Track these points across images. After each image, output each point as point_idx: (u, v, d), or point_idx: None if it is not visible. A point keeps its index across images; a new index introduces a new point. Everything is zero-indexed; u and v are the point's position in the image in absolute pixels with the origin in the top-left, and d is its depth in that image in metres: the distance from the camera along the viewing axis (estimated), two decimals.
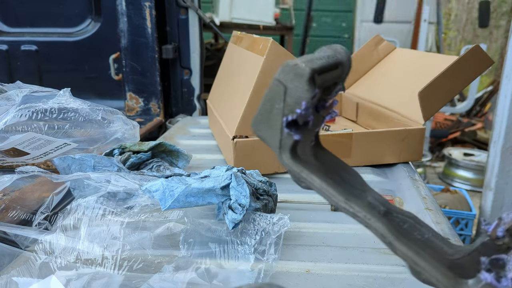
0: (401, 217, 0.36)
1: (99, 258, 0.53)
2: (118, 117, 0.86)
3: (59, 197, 0.66)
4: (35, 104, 0.77)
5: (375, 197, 0.37)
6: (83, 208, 0.58)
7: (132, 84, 1.55)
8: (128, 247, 0.55)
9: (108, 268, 0.52)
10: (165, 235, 0.59)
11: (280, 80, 0.30)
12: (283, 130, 0.31)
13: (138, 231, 0.57)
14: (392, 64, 1.27)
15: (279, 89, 0.30)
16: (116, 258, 0.53)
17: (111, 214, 0.58)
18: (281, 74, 0.30)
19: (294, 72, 0.30)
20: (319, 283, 0.56)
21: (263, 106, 0.32)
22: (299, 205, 0.78)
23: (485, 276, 0.31)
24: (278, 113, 0.31)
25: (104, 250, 0.54)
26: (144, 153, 0.81)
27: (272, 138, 0.32)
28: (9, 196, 0.74)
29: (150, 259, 0.56)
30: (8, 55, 1.68)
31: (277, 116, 0.31)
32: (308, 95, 0.30)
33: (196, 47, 1.60)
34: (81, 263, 0.53)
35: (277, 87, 0.31)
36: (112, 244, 0.55)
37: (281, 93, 0.30)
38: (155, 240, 0.57)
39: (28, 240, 0.56)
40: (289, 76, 0.30)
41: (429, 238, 0.36)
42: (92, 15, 1.65)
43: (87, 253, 0.53)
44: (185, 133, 1.28)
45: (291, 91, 0.30)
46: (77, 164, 0.73)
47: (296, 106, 0.30)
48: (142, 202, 0.63)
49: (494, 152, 2.11)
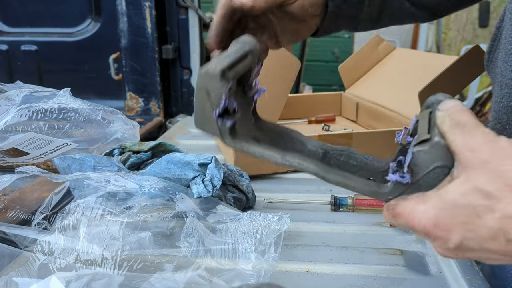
0: (338, 152, 0.45)
1: (98, 258, 0.53)
2: (118, 117, 0.86)
3: (58, 197, 0.66)
4: (35, 104, 0.77)
5: (314, 145, 0.45)
6: (82, 208, 0.58)
7: (132, 84, 1.55)
8: (128, 247, 0.55)
9: (108, 268, 0.52)
10: (164, 235, 0.59)
11: (201, 85, 0.38)
12: (218, 121, 0.39)
13: (138, 231, 0.57)
14: (392, 64, 1.27)
15: (203, 92, 0.38)
16: (116, 258, 0.53)
17: (110, 214, 0.58)
18: (199, 80, 0.38)
19: (207, 76, 0.37)
20: (319, 283, 0.56)
21: (197, 108, 0.39)
22: (299, 205, 0.78)
23: (391, 176, 0.38)
24: (209, 110, 0.38)
25: (104, 251, 0.54)
26: (144, 153, 0.81)
27: (213, 130, 0.40)
28: (9, 196, 0.74)
29: (150, 259, 0.56)
30: (8, 55, 1.68)
31: (210, 113, 0.38)
32: (224, 90, 0.37)
33: (196, 47, 1.60)
34: (81, 263, 0.53)
35: (200, 91, 0.38)
36: (112, 244, 0.55)
37: (205, 95, 0.38)
38: (154, 240, 0.57)
39: (27, 240, 0.56)
40: (206, 79, 0.37)
41: (362, 160, 0.44)
42: (92, 15, 1.65)
43: (86, 253, 0.53)
44: (185, 133, 1.28)
45: (211, 91, 0.37)
46: (77, 164, 0.73)
47: (219, 101, 0.37)
48: (142, 202, 0.63)
49: None
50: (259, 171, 0.90)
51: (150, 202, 0.63)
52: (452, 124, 0.33)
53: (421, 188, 0.35)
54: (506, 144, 0.31)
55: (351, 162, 0.45)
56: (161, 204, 0.63)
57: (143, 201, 0.63)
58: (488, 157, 0.30)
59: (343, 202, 0.76)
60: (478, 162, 0.31)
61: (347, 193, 0.78)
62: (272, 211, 0.77)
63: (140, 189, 0.64)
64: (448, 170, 0.34)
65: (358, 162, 0.44)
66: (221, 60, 0.38)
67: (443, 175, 0.34)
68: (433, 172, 0.34)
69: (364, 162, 0.44)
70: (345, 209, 0.76)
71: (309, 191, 0.84)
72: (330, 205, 0.76)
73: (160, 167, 0.68)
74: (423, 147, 0.34)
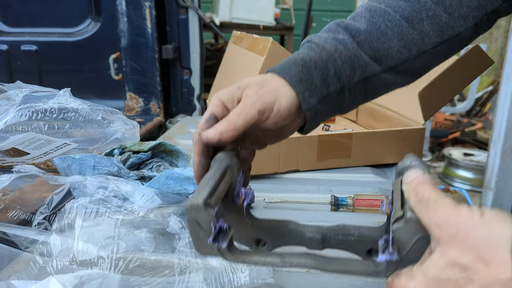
0: (334, 232, 0.48)
1: (95, 259, 0.53)
2: (118, 117, 0.86)
3: (59, 197, 0.66)
4: (35, 104, 0.77)
5: (311, 231, 0.49)
6: (77, 209, 0.58)
7: (132, 84, 1.55)
8: (125, 246, 0.55)
9: (106, 268, 0.52)
10: (163, 236, 0.59)
11: (190, 217, 0.41)
12: (214, 245, 0.42)
13: (136, 232, 0.57)
14: None
15: (194, 223, 0.41)
16: (113, 258, 0.53)
17: (107, 215, 0.58)
18: (187, 213, 0.41)
19: (193, 209, 0.40)
20: (319, 283, 0.56)
21: (193, 237, 0.42)
22: (299, 205, 0.78)
23: (381, 257, 0.40)
24: (204, 237, 0.42)
25: (101, 251, 0.54)
26: (144, 153, 0.81)
27: (212, 252, 0.42)
28: (9, 195, 0.74)
29: (148, 260, 0.56)
30: (8, 55, 1.68)
31: (205, 239, 0.42)
32: (211, 218, 0.41)
33: (196, 47, 1.60)
34: (78, 264, 0.53)
35: (191, 222, 0.41)
36: (109, 244, 0.55)
37: (196, 225, 0.41)
38: (153, 241, 0.57)
39: (28, 241, 0.56)
40: (193, 212, 0.40)
41: (359, 234, 0.47)
42: (92, 15, 1.65)
43: (83, 254, 0.53)
44: (185, 133, 1.28)
45: (200, 222, 0.41)
46: (77, 164, 0.73)
47: (210, 229, 0.41)
48: (140, 203, 0.63)
49: (494, 152, 2.11)
50: (259, 171, 0.90)
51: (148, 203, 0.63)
52: (417, 201, 0.36)
53: (410, 261, 0.38)
54: (468, 214, 0.33)
55: (349, 238, 0.48)
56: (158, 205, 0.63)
57: (141, 202, 0.63)
58: (454, 231, 0.33)
59: (343, 202, 0.76)
60: (446, 237, 0.33)
61: (347, 193, 0.78)
62: (272, 211, 0.77)
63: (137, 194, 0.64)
64: (427, 239, 0.37)
65: (355, 237, 0.48)
66: (201, 191, 0.41)
67: (425, 245, 0.37)
68: (415, 245, 0.38)
69: (361, 235, 0.48)
70: (345, 209, 0.76)
71: (309, 191, 0.84)
72: (330, 205, 0.76)
73: (159, 183, 0.69)
74: (399, 224, 0.38)
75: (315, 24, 4.57)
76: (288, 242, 0.51)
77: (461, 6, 0.54)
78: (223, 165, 0.46)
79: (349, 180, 0.91)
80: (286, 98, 0.49)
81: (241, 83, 0.50)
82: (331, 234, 0.49)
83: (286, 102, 0.49)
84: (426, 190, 0.36)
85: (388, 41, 0.53)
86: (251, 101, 0.47)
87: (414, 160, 0.43)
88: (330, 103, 0.52)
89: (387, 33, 0.53)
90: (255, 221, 0.51)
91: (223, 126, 0.46)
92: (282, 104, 0.48)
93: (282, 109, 0.48)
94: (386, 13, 0.54)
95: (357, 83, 0.52)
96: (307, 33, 2.75)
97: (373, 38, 0.53)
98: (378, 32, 0.53)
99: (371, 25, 0.53)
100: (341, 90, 0.52)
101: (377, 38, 0.53)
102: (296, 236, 0.50)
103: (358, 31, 0.53)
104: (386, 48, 0.53)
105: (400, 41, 0.53)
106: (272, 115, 0.48)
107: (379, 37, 0.53)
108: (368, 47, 0.52)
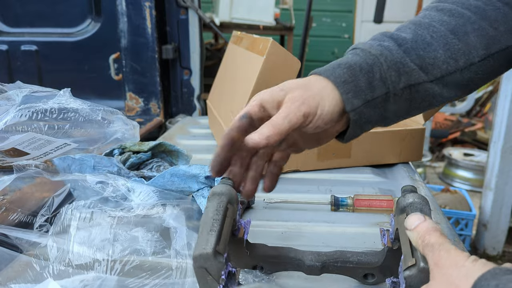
0: (333, 259, 0.51)
1: (91, 262, 0.53)
2: (118, 117, 0.86)
3: (60, 199, 0.66)
4: (35, 104, 0.77)
5: (311, 259, 0.51)
6: (72, 213, 0.58)
7: (132, 84, 1.55)
8: (121, 248, 0.55)
9: (102, 271, 0.52)
10: (161, 236, 0.58)
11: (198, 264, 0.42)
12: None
13: (134, 233, 0.57)
14: None
15: (202, 270, 0.42)
16: (109, 261, 0.53)
17: (104, 217, 0.58)
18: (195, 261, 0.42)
19: (202, 258, 0.41)
20: (319, 283, 0.55)
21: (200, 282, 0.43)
22: (299, 205, 0.78)
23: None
24: (212, 283, 0.42)
25: (97, 254, 0.53)
26: (144, 153, 0.81)
27: None
28: (8, 196, 0.74)
29: (146, 261, 0.56)
30: (8, 55, 1.67)
31: (213, 284, 0.42)
32: (222, 265, 0.42)
33: (196, 47, 1.60)
34: (75, 267, 0.53)
35: (200, 269, 0.42)
36: (106, 246, 0.54)
37: (204, 272, 0.42)
38: (151, 242, 0.57)
39: (29, 243, 0.56)
40: (201, 261, 0.41)
41: (358, 260, 0.50)
42: (92, 15, 1.65)
43: (79, 258, 0.53)
44: (185, 133, 1.28)
45: (210, 270, 0.42)
46: (77, 164, 0.73)
47: (220, 276, 0.42)
48: (138, 204, 0.62)
49: (494, 152, 2.11)
50: None
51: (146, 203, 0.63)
52: (424, 245, 0.40)
53: None
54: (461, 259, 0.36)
55: (348, 265, 0.51)
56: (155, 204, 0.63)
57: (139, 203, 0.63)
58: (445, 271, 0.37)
59: (343, 202, 0.76)
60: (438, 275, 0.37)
61: (347, 193, 0.78)
62: (272, 211, 0.77)
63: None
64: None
65: (354, 263, 0.50)
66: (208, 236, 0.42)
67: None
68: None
69: (359, 261, 0.50)
70: (345, 209, 0.76)
71: (309, 191, 0.84)
72: (330, 205, 0.76)
73: (163, 180, 0.68)
74: (412, 272, 0.41)
75: (315, 24, 4.58)
76: (287, 268, 0.53)
77: (507, 21, 0.53)
78: (224, 202, 0.46)
79: (349, 180, 0.91)
80: (329, 100, 0.48)
81: (284, 85, 0.49)
82: (330, 262, 0.51)
83: (329, 105, 0.48)
84: (432, 238, 0.39)
85: (434, 51, 0.52)
86: (296, 104, 0.47)
87: (416, 198, 0.46)
88: (375, 108, 0.51)
89: (433, 43, 0.53)
90: (254, 249, 0.52)
91: (268, 130, 0.45)
92: (325, 107, 0.48)
93: (325, 113, 0.48)
94: (431, 26, 0.54)
95: (402, 90, 0.52)
96: (307, 33, 2.74)
97: (419, 47, 0.52)
98: (423, 42, 0.53)
99: (417, 35, 0.53)
100: (386, 95, 0.51)
101: (423, 47, 0.52)
102: (296, 264, 0.52)
103: (404, 39, 0.53)
104: (432, 57, 0.52)
105: (446, 51, 0.52)
106: (315, 119, 0.48)
107: (424, 46, 0.52)
108: (414, 54, 0.52)
